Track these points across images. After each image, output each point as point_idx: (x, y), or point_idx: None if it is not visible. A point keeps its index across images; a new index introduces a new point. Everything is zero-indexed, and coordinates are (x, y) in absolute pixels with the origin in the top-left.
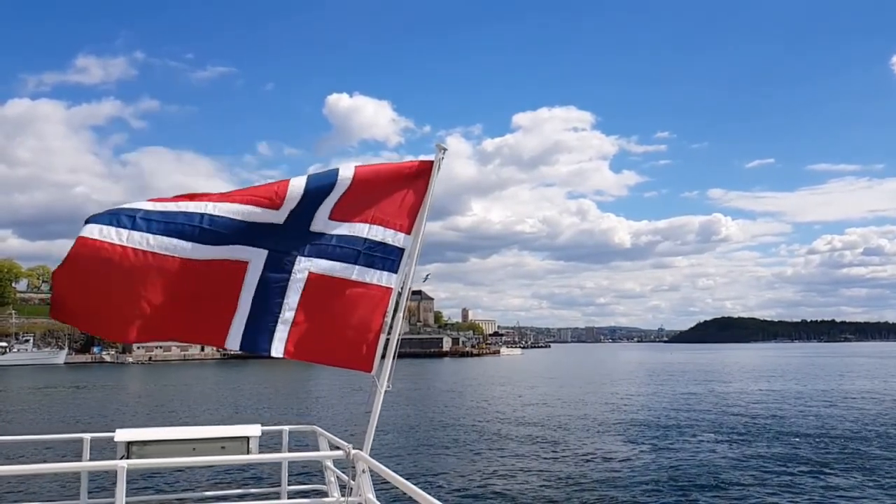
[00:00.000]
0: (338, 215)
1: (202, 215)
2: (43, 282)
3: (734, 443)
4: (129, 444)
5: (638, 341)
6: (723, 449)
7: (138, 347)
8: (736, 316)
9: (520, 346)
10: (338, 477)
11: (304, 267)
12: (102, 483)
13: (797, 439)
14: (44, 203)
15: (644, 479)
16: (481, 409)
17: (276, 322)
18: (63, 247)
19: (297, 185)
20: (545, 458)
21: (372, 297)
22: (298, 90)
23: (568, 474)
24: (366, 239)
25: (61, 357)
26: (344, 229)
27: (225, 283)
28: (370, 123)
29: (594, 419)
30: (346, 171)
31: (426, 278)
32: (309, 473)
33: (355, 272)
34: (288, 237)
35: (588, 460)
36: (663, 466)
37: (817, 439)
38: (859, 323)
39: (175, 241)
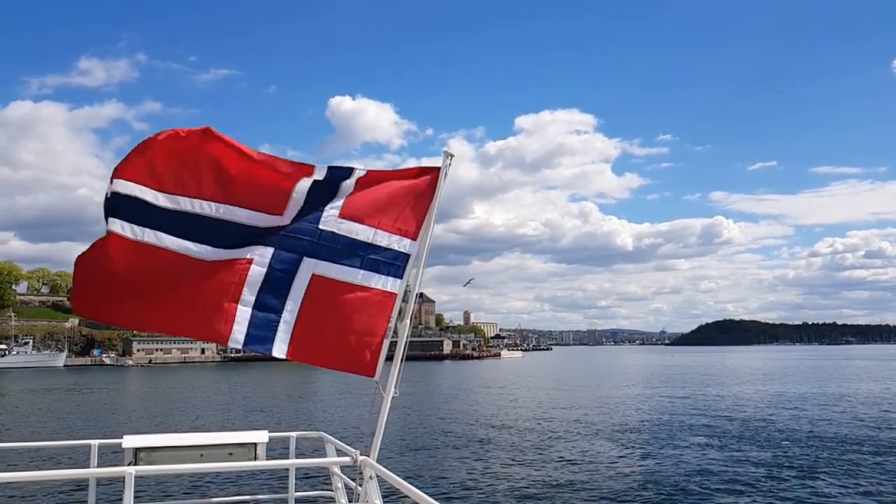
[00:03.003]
0: (346, 214)
1: (212, 218)
2: (43, 284)
3: (727, 447)
4: (137, 450)
5: (640, 344)
6: (715, 454)
7: (138, 350)
8: (738, 318)
9: (521, 349)
10: (345, 483)
11: (309, 268)
12: (110, 489)
13: (787, 443)
14: (46, 205)
15: (646, 484)
16: (483, 413)
17: (278, 322)
18: (65, 249)
19: (317, 175)
20: (546, 463)
21: (376, 302)
22: (301, 93)
23: (564, 478)
24: (371, 243)
25: (61, 360)
26: (351, 231)
27: (229, 281)
28: (373, 126)
29: (595, 424)
30: (360, 172)
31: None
32: (316, 479)
33: (360, 276)
34: (295, 235)
35: (586, 464)
36: (663, 472)
37: (811, 443)
38: (861, 325)
39: (185, 242)
